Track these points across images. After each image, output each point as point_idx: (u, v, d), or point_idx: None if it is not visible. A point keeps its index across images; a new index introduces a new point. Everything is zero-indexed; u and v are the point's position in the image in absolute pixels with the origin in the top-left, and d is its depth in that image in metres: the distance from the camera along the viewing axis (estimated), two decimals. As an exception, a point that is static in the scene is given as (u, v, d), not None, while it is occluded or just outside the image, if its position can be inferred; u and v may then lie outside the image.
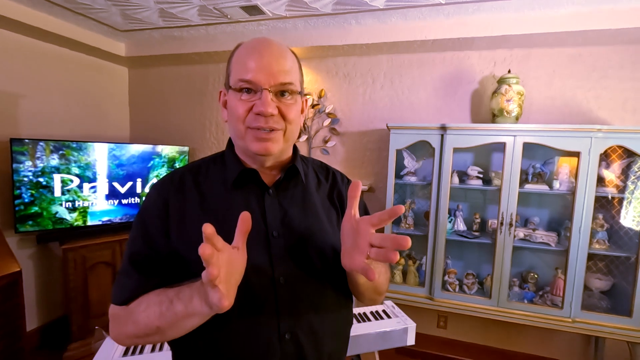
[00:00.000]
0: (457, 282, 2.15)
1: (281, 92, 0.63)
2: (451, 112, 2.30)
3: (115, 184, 2.39)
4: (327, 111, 2.55)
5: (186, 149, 2.73)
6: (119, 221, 2.43)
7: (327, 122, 2.55)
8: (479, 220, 2.18)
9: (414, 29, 2.10)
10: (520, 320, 1.96)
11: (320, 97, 2.56)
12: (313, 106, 2.58)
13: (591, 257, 1.94)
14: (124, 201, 2.44)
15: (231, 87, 0.64)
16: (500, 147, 1.94)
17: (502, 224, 1.94)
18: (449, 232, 2.13)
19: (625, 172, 1.92)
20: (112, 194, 2.38)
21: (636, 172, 1.87)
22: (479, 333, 2.37)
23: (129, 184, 2.46)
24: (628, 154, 1.87)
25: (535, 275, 2.11)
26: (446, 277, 2.15)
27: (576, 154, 1.82)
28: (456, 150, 2.01)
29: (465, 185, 2.12)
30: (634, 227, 1.86)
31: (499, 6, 1.86)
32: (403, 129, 2.06)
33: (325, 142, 2.58)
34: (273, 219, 0.67)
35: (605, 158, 1.94)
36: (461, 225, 2.19)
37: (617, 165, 1.93)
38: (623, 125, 1.79)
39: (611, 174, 1.93)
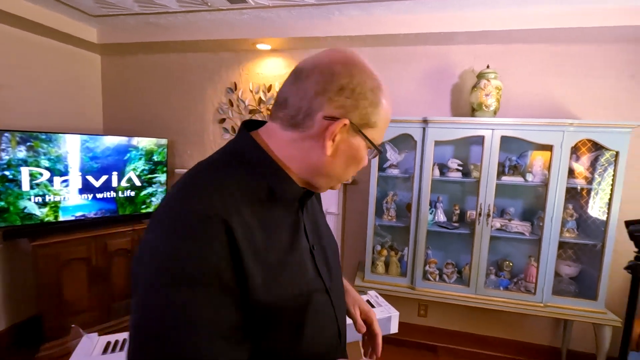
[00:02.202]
0: (437, 272, 2.22)
1: None
2: (433, 105, 2.34)
3: (89, 178, 2.29)
4: (310, 103, 2.53)
5: (164, 141, 2.65)
6: (94, 216, 2.33)
7: (310, 114, 2.54)
8: (458, 211, 2.25)
9: (397, 22, 2.11)
10: (496, 306, 2.05)
11: (303, 89, 2.54)
12: (296, 98, 2.56)
13: (562, 245, 2.05)
14: (99, 195, 2.34)
15: (369, 139, 0.55)
16: (479, 140, 2.00)
17: (480, 214, 2.01)
18: (429, 223, 2.19)
19: (593, 165, 2.03)
20: (86, 188, 2.28)
21: (603, 164, 1.98)
22: (458, 320, 2.46)
23: (104, 177, 2.36)
24: (596, 147, 1.97)
25: (510, 264, 2.21)
26: (427, 267, 2.21)
27: (549, 147, 1.91)
28: (437, 143, 2.05)
29: (445, 178, 2.17)
30: (600, 216, 1.98)
31: (479, 2, 1.90)
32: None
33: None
34: (310, 232, 0.63)
35: (575, 151, 2.04)
36: (441, 217, 2.25)
37: (586, 158, 2.03)
38: (593, 120, 1.89)
39: (581, 167, 2.03)
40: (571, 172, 2.02)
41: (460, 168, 2.16)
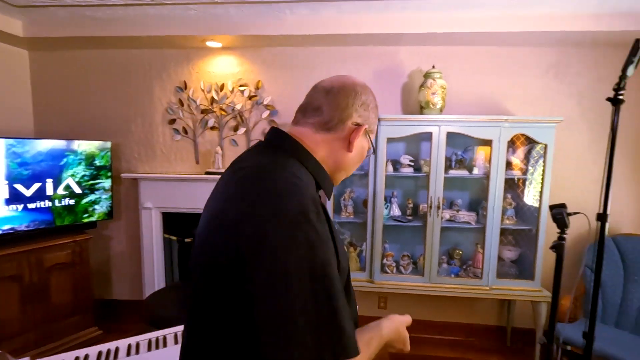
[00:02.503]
0: (394, 264, 2.30)
1: None
2: (385, 104, 2.43)
3: (18, 187, 2.06)
4: (265, 103, 2.50)
5: (108, 144, 2.46)
6: (26, 229, 2.10)
7: (265, 114, 2.50)
8: (411, 205, 2.35)
9: (346, 22, 2.15)
10: (449, 293, 2.17)
11: (257, 88, 2.50)
12: (250, 97, 2.51)
13: (503, 231, 2.22)
14: (31, 205, 2.12)
15: (371, 141, 0.73)
16: (428, 136, 2.11)
17: (431, 207, 2.12)
18: (385, 218, 2.26)
19: (527, 157, 2.23)
20: (15, 198, 2.05)
21: (535, 157, 2.19)
22: (415, 309, 2.57)
23: (36, 185, 2.13)
24: (529, 141, 2.17)
25: (460, 252, 2.35)
26: (384, 260, 2.28)
27: (489, 142, 2.06)
28: (389, 140, 2.13)
29: (398, 173, 2.26)
30: (534, 204, 2.18)
31: (423, 5, 1.99)
32: (340, 120, 2.11)
33: (265, 134, 2.53)
34: None
35: (512, 145, 2.23)
36: (396, 211, 2.34)
37: (521, 151, 2.23)
38: (524, 116, 2.08)
39: (517, 159, 2.23)
40: (509, 165, 2.21)
41: (412, 164, 2.26)
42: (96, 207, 2.42)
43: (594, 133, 2.30)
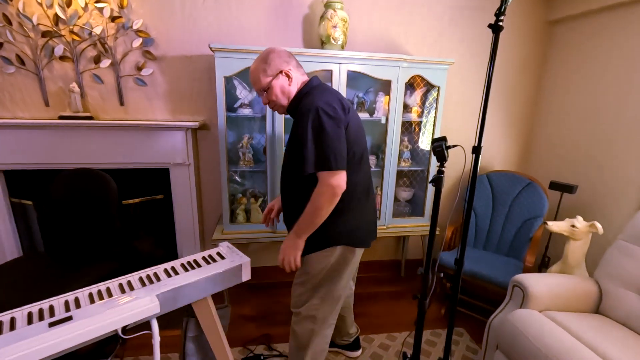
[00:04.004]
0: (298, 212, 2.23)
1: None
2: (284, 37, 2.16)
3: None
4: (135, 28, 1.98)
5: None
6: None
7: (137, 42, 2.00)
8: (315, 151, 2.25)
9: None
10: (350, 235, 2.22)
11: (121, 6, 1.95)
12: (113, 19, 1.95)
13: (399, 174, 2.32)
14: None
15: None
16: (329, 76, 1.96)
17: (332, 151, 2.05)
18: (287, 165, 2.13)
19: (423, 101, 2.29)
20: None
21: (430, 100, 2.25)
22: (321, 254, 2.62)
23: None
24: (425, 83, 2.20)
25: (362, 195, 2.40)
26: (288, 209, 2.19)
27: (388, 83, 2.02)
28: (288, 78, 1.91)
29: (300, 117, 2.09)
30: (427, 146, 2.29)
31: None
32: (229, 52, 1.80)
33: (139, 69, 2.05)
34: None
35: (410, 87, 2.24)
36: (299, 158, 2.22)
37: (417, 95, 2.26)
38: (421, 56, 2.06)
39: (413, 103, 2.26)
40: (407, 108, 2.24)
41: (314, 106, 2.11)
42: None
43: (481, 78, 2.46)
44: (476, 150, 1.07)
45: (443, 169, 1.04)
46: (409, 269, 2.71)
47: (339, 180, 1.11)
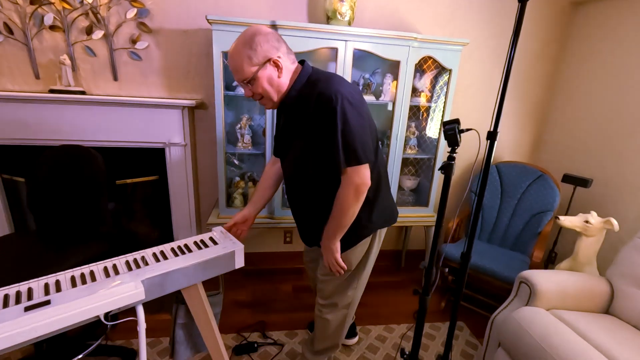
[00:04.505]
0: (297, 198, 2.15)
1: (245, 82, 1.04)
2: (287, 11, 2.02)
3: None
4: (129, -4, 1.86)
5: None
6: None
7: (132, 12, 1.88)
8: (317, 134, 2.15)
9: None
10: (350, 223, 2.14)
11: (114, -27, 1.82)
12: (105, -14, 1.83)
13: (404, 161, 2.21)
14: None
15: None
16: (334, 55, 1.83)
17: (335, 136, 1.95)
18: (288, 149, 2.03)
19: (433, 85, 2.16)
20: None
21: (440, 84, 2.12)
22: (320, 241, 2.56)
23: None
24: (436, 65, 2.07)
25: (364, 183, 2.31)
26: (286, 195, 2.11)
27: (397, 64, 1.89)
28: (290, 55, 1.79)
29: (302, 98, 1.98)
30: (436, 133, 2.18)
31: None
32: (227, 25, 1.68)
33: (134, 42, 1.94)
34: None
35: (419, 70, 2.12)
36: (300, 141, 2.12)
37: (426, 77, 2.13)
38: (432, 36, 1.92)
39: (423, 86, 2.14)
40: (415, 91, 2.11)
41: (317, 87, 2.00)
42: None
43: (497, 63, 2.32)
44: (491, 136, 0.97)
45: (454, 155, 0.94)
46: (410, 259, 2.65)
47: (364, 177, 1.02)
